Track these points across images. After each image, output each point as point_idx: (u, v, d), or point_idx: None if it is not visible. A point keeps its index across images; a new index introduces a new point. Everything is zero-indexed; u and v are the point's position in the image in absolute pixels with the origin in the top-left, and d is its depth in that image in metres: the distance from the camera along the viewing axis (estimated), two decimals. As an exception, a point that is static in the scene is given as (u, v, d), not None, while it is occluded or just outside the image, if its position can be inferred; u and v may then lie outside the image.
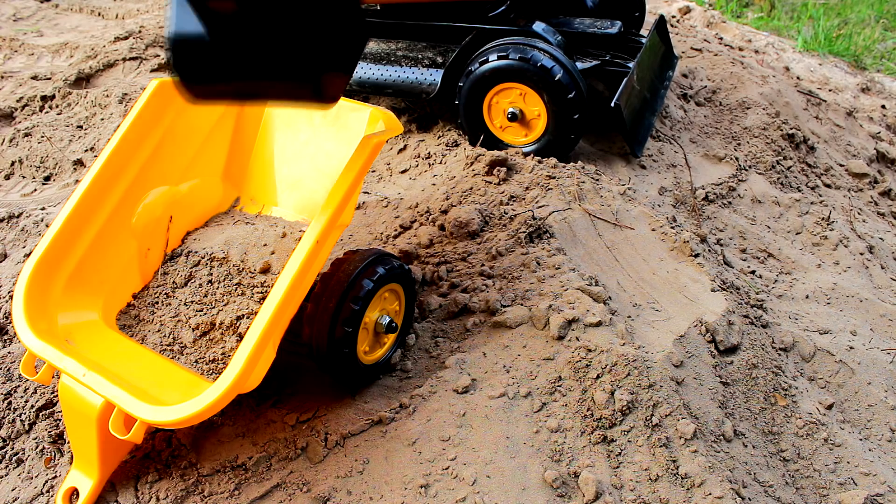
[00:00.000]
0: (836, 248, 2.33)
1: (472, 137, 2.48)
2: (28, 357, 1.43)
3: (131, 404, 1.26)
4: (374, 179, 2.56)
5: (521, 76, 2.27)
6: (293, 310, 1.37)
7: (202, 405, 1.20)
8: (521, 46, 2.28)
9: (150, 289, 1.64)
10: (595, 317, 1.65)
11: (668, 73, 2.95)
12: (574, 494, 1.38)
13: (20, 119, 3.32)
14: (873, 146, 3.25)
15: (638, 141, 2.56)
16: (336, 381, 1.62)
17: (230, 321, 1.51)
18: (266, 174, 1.83)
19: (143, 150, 1.65)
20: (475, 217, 2.02)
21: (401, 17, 2.69)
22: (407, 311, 1.67)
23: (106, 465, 1.42)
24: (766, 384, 1.70)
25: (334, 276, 1.48)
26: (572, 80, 2.25)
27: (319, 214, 1.33)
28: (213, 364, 1.48)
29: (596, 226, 2.08)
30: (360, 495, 1.38)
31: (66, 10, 5.00)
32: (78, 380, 1.33)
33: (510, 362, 1.61)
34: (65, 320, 1.50)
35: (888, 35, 5.01)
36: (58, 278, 1.51)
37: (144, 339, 1.56)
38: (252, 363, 1.23)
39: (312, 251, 1.30)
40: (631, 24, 3.05)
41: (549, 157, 2.33)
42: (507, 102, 2.36)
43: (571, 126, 2.29)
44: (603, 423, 1.48)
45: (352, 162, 1.37)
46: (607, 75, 2.58)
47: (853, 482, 1.57)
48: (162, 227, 1.68)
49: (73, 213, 1.53)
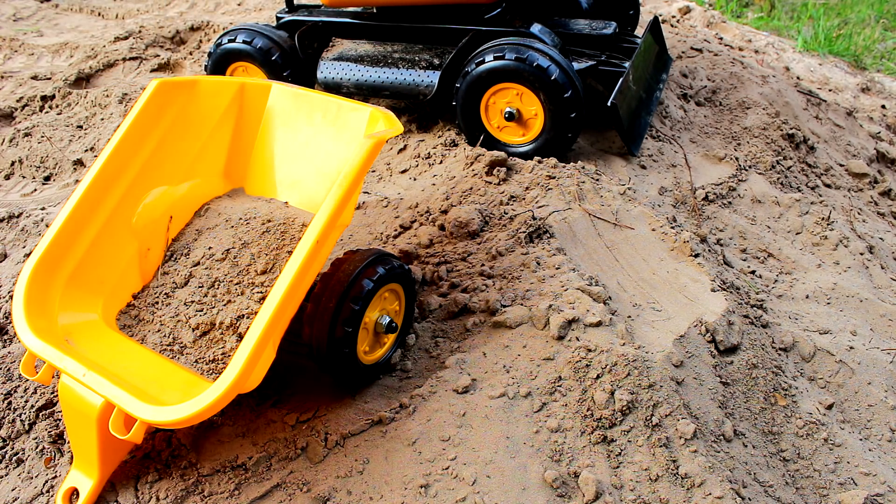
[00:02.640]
0: (836, 248, 2.33)
1: (470, 138, 2.48)
2: (28, 357, 1.43)
3: (131, 404, 1.26)
4: (374, 179, 2.56)
5: (517, 76, 2.28)
6: (293, 310, 1.37)
7: (202, 405, 1.20)
8: (517, 47, 2.28)
9: (150, 289, 1.64)
10: (595, 317, 1.65)
11: (663, 73, 2.97)
12: (574, 494, 1.38)
13: (20, 119, 3.32)
14: (873, 146, 3.25)
15: (634, 139, 2.57)
16: (336, 381, 1.61)
17: (230, 321, 1.51)
18: (266, 174, 1.83)
19: (143, 150, 1.65)
20: (475, 217, 2.02)
21: (397, 19, 2.70)
22: (407, 311, 1.67)
23: (106, 465, 1.42)
24: (766, 384, 1.70)
25: (334, 276, 1.48)
26: (569, 80, 2.25)
27: (319, 214, 1.33)
28: (213, 364, 1.48)
29: (596, 226, 2.08)
30: (360, 495, 1.38)
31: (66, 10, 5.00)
32: (78, 380, 1.33)
33: (510, 362, 1.61)
34: (65, 320, 1.50)
35: (888, 35, 5.01)
36: (58, 278, 1.51)
37: (144, 339, 1.56)
38: (252, 363, 1.23)
39: (312, 251, 1.30)
40: (626, 23, 3.06)
41: (548, 156, 2.33)
42: (504, 102, 2.36)
43: (568, 125, 2.30)
44: (603, 423, 1.48)
45: (352, 162, 1.37)
46: (603, 75, 2.59)
47: (853, 482, 1.57)
48: (162, 227, 1.68)
49: (73, 213, 1.53)
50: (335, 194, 1.34)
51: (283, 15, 2.90)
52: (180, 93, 1.73)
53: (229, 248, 1.61)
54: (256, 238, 1.61)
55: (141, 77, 3.58)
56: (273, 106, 1.80)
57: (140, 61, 3.72)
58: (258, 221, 1.65)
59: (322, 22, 2.82)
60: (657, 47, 3.01)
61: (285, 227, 1.63)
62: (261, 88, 1.80)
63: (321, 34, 2.85)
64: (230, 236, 1.64)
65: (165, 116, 1.69)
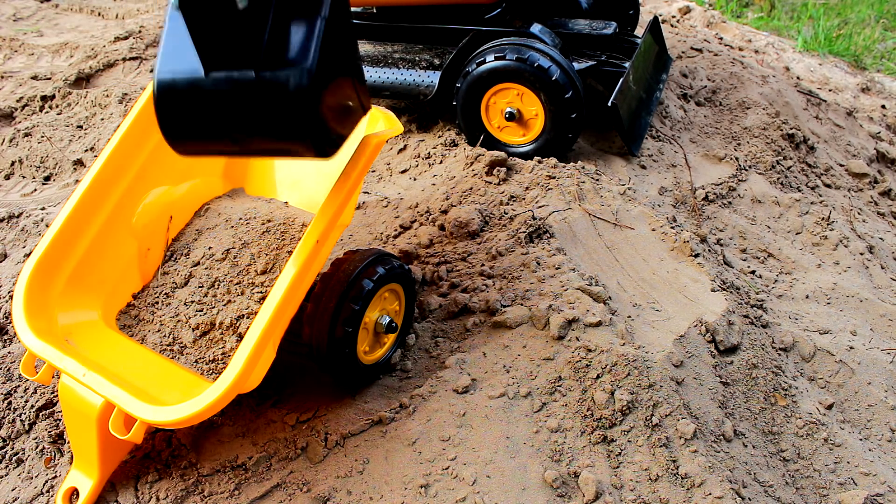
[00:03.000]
0: (836, 248, 2.33)
1: (471, 138, 2.48)
2: (28, 357, 1.43)
3: (131, 404, 1.26)
4: (374, 179, 2.56)
5: (518, 76, 2.28)
6: (293, 310, 1.37)
7: (202, 405, 1.20)
8: (517, 47, 2.28)
9: (150, 289, 1.64)
10: (595, 317, 1.65)
11: (663, 73, 2.97)
12: (574, 494, 1.38)
13: (20, 119, 3.32)
14: (873, 146, 3.25)
15: (635, 139, 2.57)
16: (336, 381, 1.61)
17: (230, 321, 1.51)
18: (266, 173, 1.82)
19: (143, 150, 1.65)
20: (475, 217, 2.02)
21: (398, 19, 2.69)
22: (407, 310, 1.67)
23: (106, 465, 1.42)
24: (766, 384, 1.70)
25: (334, 276, 1.48)
26: (569, 80, 2.25)
27: (319, 214, 1.33)
28: (213, 364, 1.48)
29: (596, 226, 2.08)
30: (360, 495, 1.38)
31: (66, 10, 5.00)
32: (78, 380, 1.32)
33: (510, 362, 1.61)
34: (65, 320, 1.50)
35: (888, 35, 5.01)
36: (58, 278, 1.51)
37: (144, 339, 1.56)
38: (252, 363, 1.23)
39: (312, 251, 1.30)
40: (625, 23, 3.06)
41: (548, 156, 2.34)
42: (504, 103, 2.36)
43: (569, 125, 2.30)
44: (603, 423, 1.48)
45: (352, 162, 1.37)
46: (603, 75, 2.59)
47: (853, 482, 1.57)
48: (162, 227, 1.68)
49: (73, 213, 1.53)
50: (335, 194, 1.34)
51: None
52: None
53: (229, 248, 1.61)
54: (256, 238, 1.61)
55: (141, 77, 3.58)
56: None
57: (140, 61, 3.72)
58: (258, 221, 1.65)
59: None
60: (657, 47, 3.01)
61: (285, 227, 1.62)
62: None
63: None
64: (230, 236, 1.64)
65: None
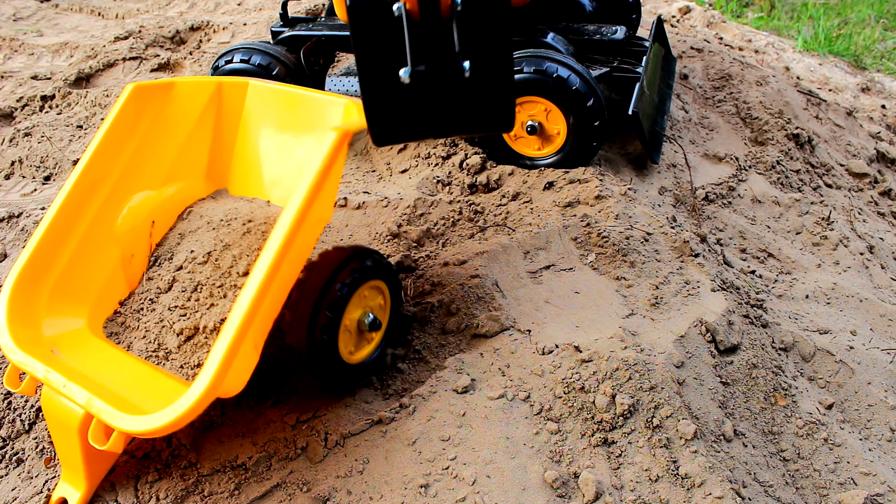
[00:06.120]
0: (836, 248, 2.33)
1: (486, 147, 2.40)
2: (11, 369, 1.41)
3: (107, 413, 1.24)
4: (374, 179, 2.56)
5: (537, 88, 2.20)
6: (273, 310, 1.34)
7: (177, 413, 1.17)
8: (534, 59, 2.21)
9: (135, 295, 1.62)
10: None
11: (671, 75, 2.95)
12: (574, 495, 1.38)
13: (20, 119, 3.32)
14: (873, 146, 3.25)
15: (655, 146, 2.53)
16: (323, 384, 1.60)
17: (213, 324, 1.49)
18: (249, 172, 1.79)
19: (122, 155, 1.63)
20: (474, 218, 2.02)
21: None
22: (393, 304, 1.62)
23: (92, 476, 1.41)
24: (766, 384, 1.70)
25: (307, 281, 1.44)
26: (589, 89, 2.18)
27: (286, 210, 1.29)
28: (198, 369, 1.46)
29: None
30: (360, 495, 1.38)
31: (66, 10, 5.00)
32: (58, 391, 1.31)
33: (510, 363, 1.61)
34: (51, 329, 1.48)
35: (888, 35, 5.01)
36: (42, 287, 1.49)
37: (130, 346, 1.54)
38: (225, 366, 1.19)
39: (282, 249, 1.25)
40: (628, 27, 3.04)
41: (572, 167, 2.28)
42: (526, 115, 2.28)
43: (592, 134, 2.23)
44: (604, 426, 1.48)
45: (319, 155, 1.33)
46: (616, 81, 2.54)
47: (853, 482, 1.57)
48: (145, 233, 1.66)
49: (55, 222, 1.51)
50: (302, 189, 1.30)
51: (279, 29, 2.79)
52: (156, 96, 1.70)
53: (211, 251, 1.59)
54: (238, 239, 1.59)
55: (141, 77, 3.58)
56: (252, 103, 1.77)
57: (140, 61, 3.72)
58: (239, 222, 1.63)
59: (325, 37, 2.72)
60: (663, 50, 2.99)
61: (266, 227, 1.60)
62: (238, 87, 1.77)
63: (325, 49, 2.78)
64: (212, 238, 1.62)
65: (142, 120, 1.66)
